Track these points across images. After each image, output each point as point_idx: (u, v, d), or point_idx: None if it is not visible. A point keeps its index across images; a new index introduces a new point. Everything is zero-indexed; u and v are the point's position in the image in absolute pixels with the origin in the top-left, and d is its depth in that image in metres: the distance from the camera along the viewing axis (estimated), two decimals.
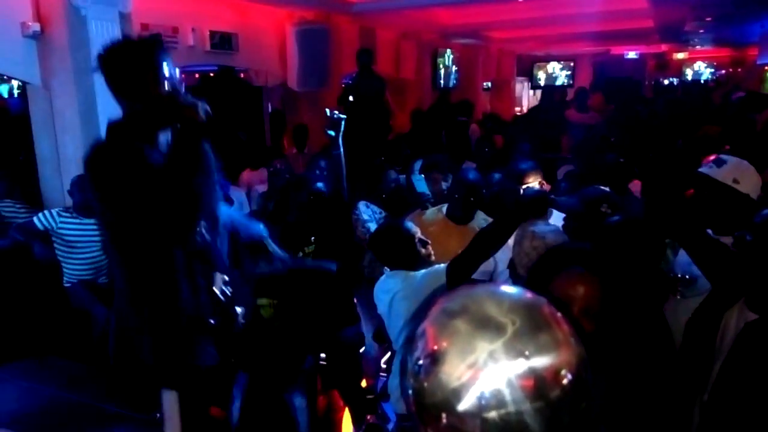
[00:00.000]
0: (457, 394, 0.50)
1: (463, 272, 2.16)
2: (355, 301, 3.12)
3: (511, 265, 2.36)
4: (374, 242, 2.63)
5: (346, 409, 2.90)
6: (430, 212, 3.24)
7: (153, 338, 1.91)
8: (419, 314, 0.62)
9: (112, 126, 1.93)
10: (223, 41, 5.68)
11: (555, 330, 0.53)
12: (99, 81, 3.95)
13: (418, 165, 4.28)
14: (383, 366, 3.21)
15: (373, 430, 1.69)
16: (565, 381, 0.50)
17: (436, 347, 0.53)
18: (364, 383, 2.92)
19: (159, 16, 4.98)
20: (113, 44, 1.93)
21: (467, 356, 0.51)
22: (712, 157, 2.42)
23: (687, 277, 2.22)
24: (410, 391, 0.55)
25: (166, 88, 1.90)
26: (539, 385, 0.48)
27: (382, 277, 2.55)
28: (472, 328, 0.52)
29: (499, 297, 0.57)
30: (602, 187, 2.92)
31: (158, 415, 2.78)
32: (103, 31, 4.04)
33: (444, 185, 3.65)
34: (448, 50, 10.27)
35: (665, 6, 7.95)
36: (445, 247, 2.68)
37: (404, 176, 4.42)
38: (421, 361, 0.53)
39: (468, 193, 3.05)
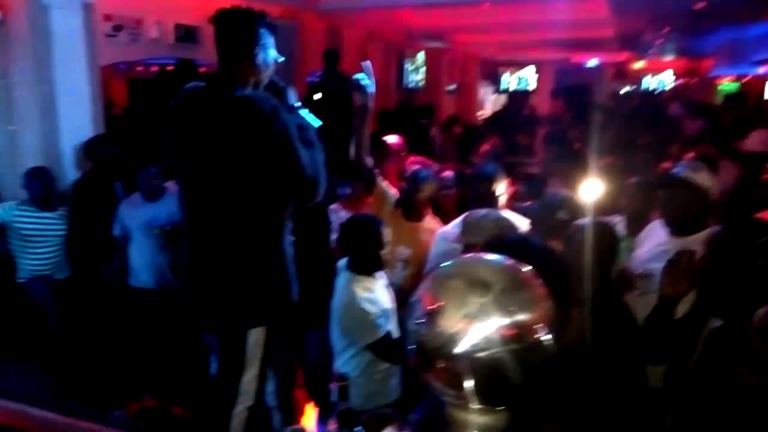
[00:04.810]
0: (453, 339, 0.62)
1: None
2: None
3: None
4: (346, 231, 2.61)
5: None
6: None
7: (254, 278, 2.12)
8: None
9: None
10: (187, 34, 5.62)
11: (532, 290, 0.66)
12: (60, 72, 3.93)
13: None
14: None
15: (347, 415, 1.70)
16: (538, 333, 0.63)
17: (433, 305, 0.65)
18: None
19: (123, 6, 4.90)
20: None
21: (462, 309, 0.63)
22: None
23: (645, 273, 2.32)
24: (412, 346, 0.67)
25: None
26: (519, 333, 0.62)
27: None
28: (466, 287, 0.64)
29: (486, 261, 0.71)
30: (561, 192, 3.01)
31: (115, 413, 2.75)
32: (65, 21, 3.97)
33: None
34: (421, 52, 10.37)
35: (625, 16, 8.20)
36: (395, 242, 2.69)
37: None
38: (421, 319, 0.65)
39: (417, 191, 3.04)
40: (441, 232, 2.95)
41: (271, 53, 2.19)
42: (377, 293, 2.49)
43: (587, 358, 1.41)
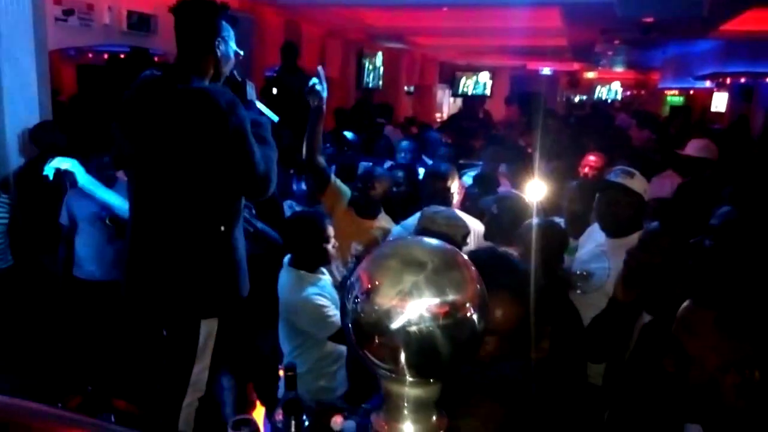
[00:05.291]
0: (388, 315, 0.66)
1: None
2: None
3: None
4: (289, 228, 2.61)
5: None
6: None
7: (203, 271, 2.12)
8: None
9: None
10: (141, 22, 5.49)
11: (464, 271, 0.71)
12: (4, 55, 3.79)
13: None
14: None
15: (293, 405, 1.72)
16: (468, 312, 0.68)
17: (370, 284, 0.69)
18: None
19: None
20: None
21: (397, 286, 0.67)
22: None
23: (584, 273, 2.42)
24: (349, 324, 0.71)
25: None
26: (449, 311, 0.67)
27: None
28: (401, 266, 0.68)
29: (422, 243, 0.75)
30: (513, 192, 3.12)
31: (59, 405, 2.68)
32: (12, 2, 3.83)
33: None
34: (379, 52, 10.43)
35: (577, 27, 8.46)
36: (350, 239, 2.73)
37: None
38: (358, 298, 0.69)
39: (370, 187, 3.07)
40: (402, 224, 3.01)
41: (231, 46, 2.19)
42: (323, 285, 2.51)
43: (531, 352, 1.46)
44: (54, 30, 4.48)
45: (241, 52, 2.28)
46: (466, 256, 0.72)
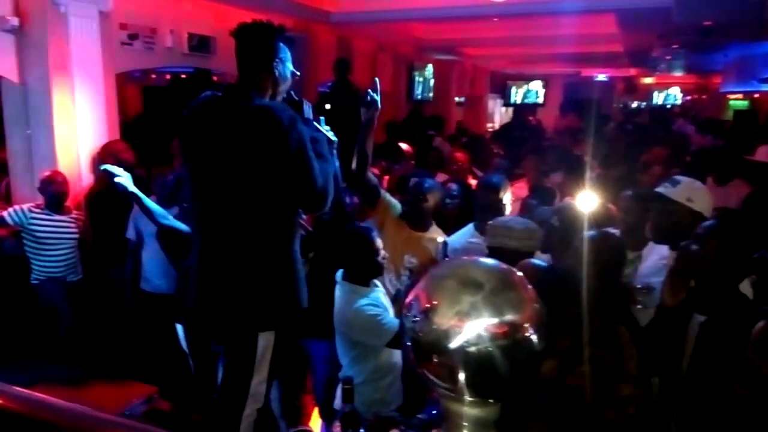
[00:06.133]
0: (447, 335, 0.67)
1: None
2: None
3: None
4: (339, 243, 2.64)
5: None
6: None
7: (264, 284, 2.16)
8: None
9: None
10: (201, 44, 5.72)
11: (521, 292, 0.71)
12: (76, 78, 4.02)
13: None
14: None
15: (351, 418, 1.74)
16: (526, 332, 0.68)
17: (428, 304, 0.70)
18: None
19: (138, 16, 5.00)
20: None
21: (455, 306, 0.68)
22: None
23: (646, 287, 2.35)
24: (409, 342, 0.72)
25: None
26: (508, 331, 0.67)
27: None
28: (458, 286, 0.70)
29: (478, 263, 0.76)
30: (570, 202, 3.06)
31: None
32: (82, 29, 4.06)
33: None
34: (430, 65, 10.47)
35: (634, 32, 8.25)
36: (401, 251, 2.74)
37: None
38: (417, 317, 0.70)
39: (423, 201, 3.05)
40: (453, 236, 3.01)
41: (288, 66, 2.26)
42: (376, 297, 2.54)
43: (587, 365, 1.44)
44: (120, 53, 4.73)
45: (298, 73, 2.34)
46: (522, 275, 0.73)
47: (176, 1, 5.45)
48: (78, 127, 4.10)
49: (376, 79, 2.98)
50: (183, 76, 7.98)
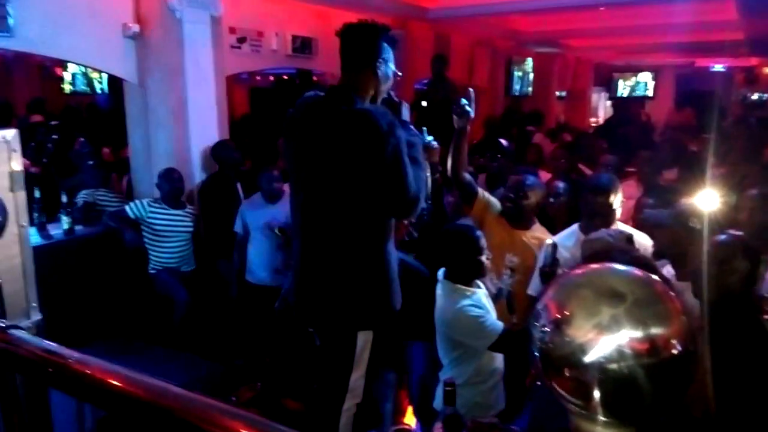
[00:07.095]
0: (582, 349, 0.62)
1: None
2: None
3: None
4: (441, 241, 2.59)
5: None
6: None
7: (361, 285, 2.21)
8: None
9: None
10: (303, 45, 5.88)
11: (668, 304, 0.64)
12: (190, 80, 4.25)
13: None
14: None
15: (453, 420, 1.71)
16: (674, 349, 0.62)
17: (559, 314, 0.65)
18: None
19: (246, 20, 5.22)
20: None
21: (593, 318, 0.62)
22: None
23: None
24: (537, 353, 0.67)
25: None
26: (652, 347, 0.61)
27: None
28: (596, 296, 0.64)
29: (618, 272, 0.69)
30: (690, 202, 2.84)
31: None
32: (195, 34, 4.29)
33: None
34: (529, 58, 10.19)
35: (757, 18, 7.58)
36: (502, 249, 2.67)
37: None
38: (546, 327, 0.66)
39: (523, 198, 2.96)
40: (559, 237, 2.88)
41: (390, 67, 2.26)
42: (478, 298, 2.48)
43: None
44: (230, 56, 4.95)
45: (400, 73, 2.34)
46: (665, 285, 0.67)
47: (281, 3, 5.63)
48: (191, 127, 4.34)
49: (471, 90, 2.94)
50: (285, 77, 8.26)
